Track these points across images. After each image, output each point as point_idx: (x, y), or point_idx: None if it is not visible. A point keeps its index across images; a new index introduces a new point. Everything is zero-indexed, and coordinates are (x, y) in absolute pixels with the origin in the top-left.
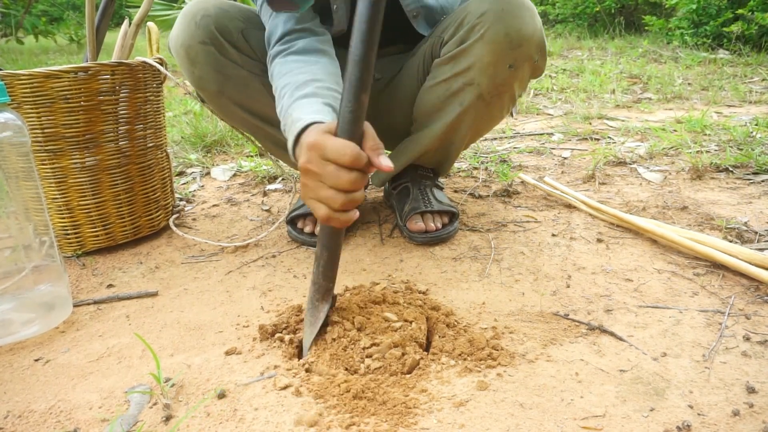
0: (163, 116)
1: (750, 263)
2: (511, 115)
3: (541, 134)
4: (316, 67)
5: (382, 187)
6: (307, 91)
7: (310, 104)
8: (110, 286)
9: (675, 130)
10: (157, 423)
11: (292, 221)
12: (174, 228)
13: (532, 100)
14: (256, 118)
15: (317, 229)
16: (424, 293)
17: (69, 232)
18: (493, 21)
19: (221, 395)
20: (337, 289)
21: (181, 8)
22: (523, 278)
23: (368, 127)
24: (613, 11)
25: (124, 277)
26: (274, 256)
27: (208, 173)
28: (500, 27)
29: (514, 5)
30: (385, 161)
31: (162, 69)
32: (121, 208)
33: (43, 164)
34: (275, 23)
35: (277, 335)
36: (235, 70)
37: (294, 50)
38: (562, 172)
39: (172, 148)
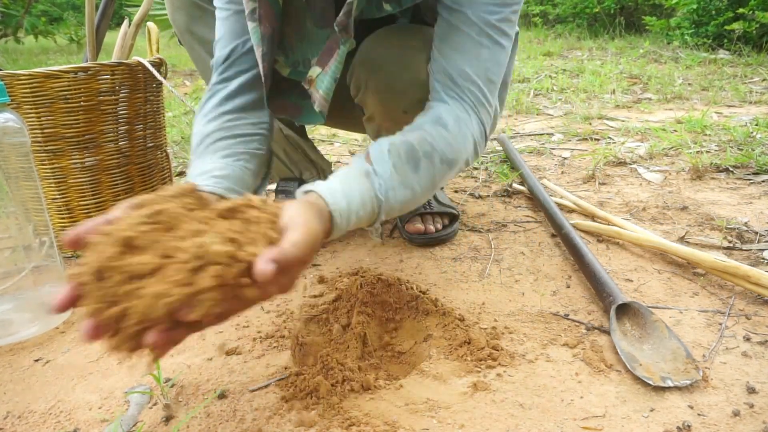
0: (163, 116)
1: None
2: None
3: (541, 134)
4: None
5: None
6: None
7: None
8: None
9: (675, 131)
10: (157, 423)
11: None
12: None
13: (532, 101)
14: None
15: None
16: (423, 293)
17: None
18: (372, 70)
19: (221, 395)
20: (333, 290)
21: None
22: (523, 278)
23: None
24: (613, 11)
25: None
26: None
27: None
28: (381, 76)
29: (393, 52)
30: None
31: (157, 74)
32: None
33: (43, 164)
34: (219, 34)
35: (278, 335)
36: (209, 5)
37: (224, 122)
38: (562, 173)
39: (172, 148)
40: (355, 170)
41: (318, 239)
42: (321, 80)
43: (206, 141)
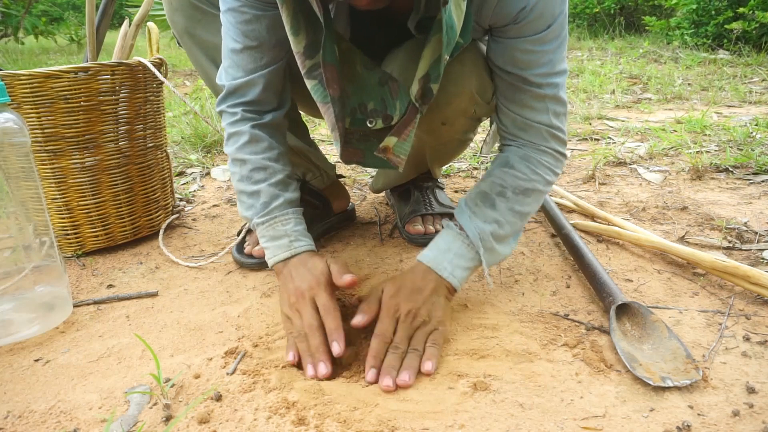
0: (163, 116)
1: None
2: (481, 152)
3: None
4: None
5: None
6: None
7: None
8: (110, 286)
9: (675, 131)
10: (157, 423)
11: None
12: (162, 246)
13: None
14: (218, 69)
15: (255, 249)
16: None
17: (69, 232)
18: None
19: (221, 396)
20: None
21: None
22: (523, 278)
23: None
24: (613, 11)
25: (124, 277)
26: None
27: (208, 173)
28: None
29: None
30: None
31: (158, 74)
32: (121, 208)
33: (43, 164)
34: (227, 50)
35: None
36: (209, 8)
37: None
38: (562, 173)
39: (172, 148)
40: (444, 235)
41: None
42: (400, 147)
43: (272, 194)
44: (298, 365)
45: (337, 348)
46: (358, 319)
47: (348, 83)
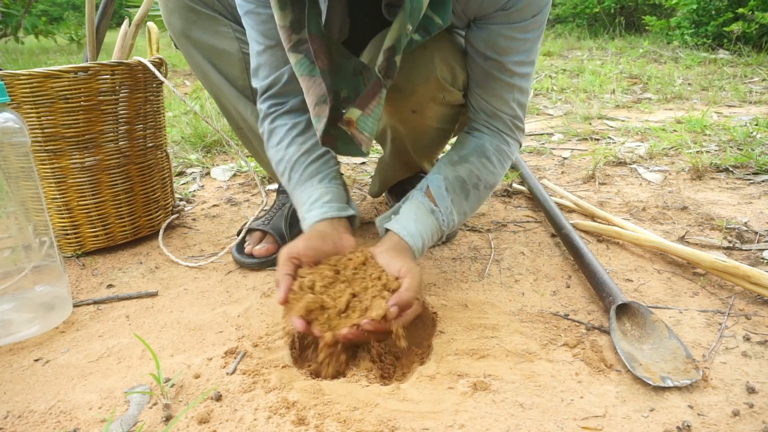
0: (163, 116)
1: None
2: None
3: (541, 134)
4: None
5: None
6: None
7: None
8: (110, 286)
9: (675, 131)
10: (157, 423)
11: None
12: (162, 246)
13: (532, 101)
14: (218, 73)
15: (256, 249)
16: (424, 285)
17: (69, 232)
18: None
19: (221, 395)
20: None
21: None
22: (523, 278)
23: None
24: (613, 11)
25: (123, 277)
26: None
27: (208, 173)
28: None
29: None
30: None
31: (158, 74)
32: (121, 208)
33: (42, 164)
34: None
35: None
36: (205, 9)
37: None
38: (562, 173)
39: (172, 148)
40: (423, 209)
41: (420, 277)
42: (364, 122)
43: (297, 169)
44: (298, 364)
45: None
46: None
47: (329, 72)
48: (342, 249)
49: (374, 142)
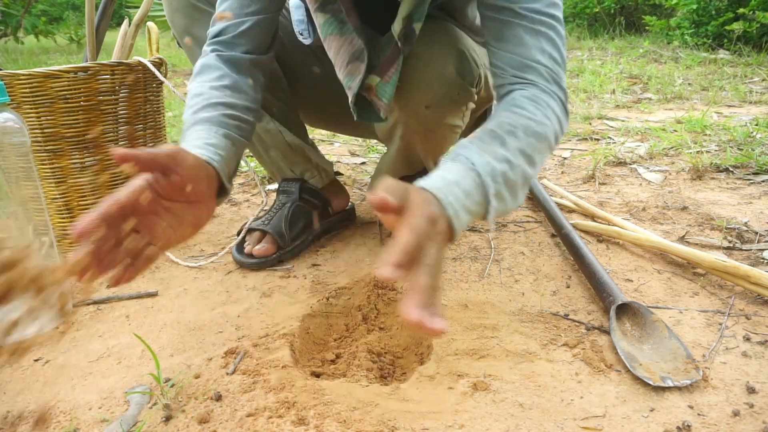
0: (163, 116)
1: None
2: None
3: None
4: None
5: None
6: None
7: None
8: (110, 286)
9: (675, 131)
10: (157, 423)
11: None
12: None
13: None
14: None
15: (255, 249)
16: None
17: (69, 232)
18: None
19: (221, 395)
20: (333, 290)
21: None
22: (523, 278)
23: None
24: (613, 11)
25: None
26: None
27: None
28: (404, 70)
29: (417, 47)
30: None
31: (158, 74)
32: None
33: (43, 164)
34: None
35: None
36: (208, 7)
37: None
38: (562, 173)
39: None
40: (443, 164)
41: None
42: (383, 89)
43: (210, 110)
44: (298, 364)
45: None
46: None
47: None
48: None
49: (375, 140)
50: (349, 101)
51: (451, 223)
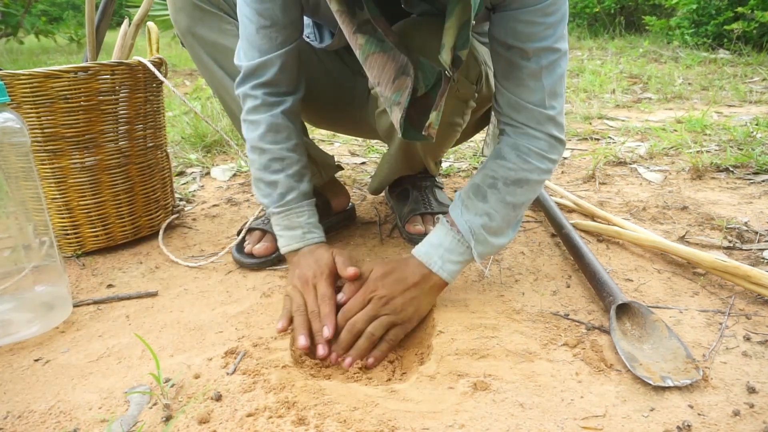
0: (163, 116)
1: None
2: (482, 153)
3: None
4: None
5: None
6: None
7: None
8: (110, 286)
9: (675, 130)
10: (157, 423)
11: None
12: (162, 246)
13: None
14: (223, 71)
15: (255, 248)
16: None
17: (69, 232)
18: None
19: (221, 395)
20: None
21: None
22: (523, 278)
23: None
24: (613, 11)
25: (124, 277)
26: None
27: (208, 173)
28: None
29: (418, 41)
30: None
31: (158, 74)
32: (121, 208)
33: (43, 164)
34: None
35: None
36: (211, 7)
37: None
38: (562, 172)
39: (172, 148)
40: (438, 229)
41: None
42: (436, 119)
43: (286, 184)
44: (298, 364)
45: (327, 331)
46: (340, 297)
47: None
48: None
49: (375, 141)
50: (399, 117)
51: (439, 275)
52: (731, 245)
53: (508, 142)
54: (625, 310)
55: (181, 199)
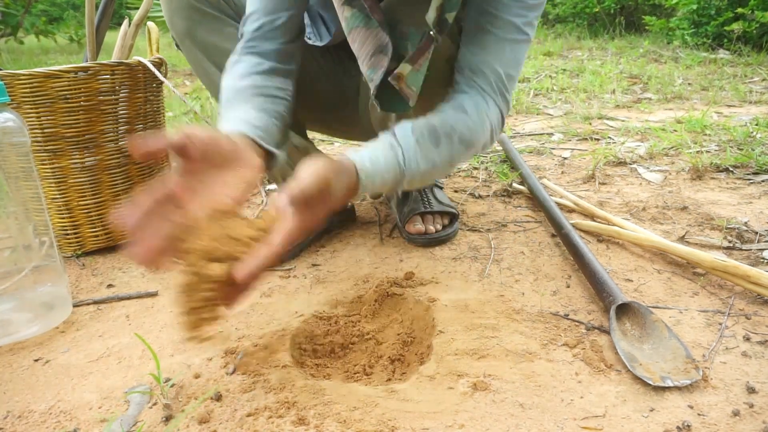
0: (163, 116)
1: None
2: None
3: (541, 134)
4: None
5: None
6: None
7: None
8: (110, 286)
9: (675, 130)
10: (157, 423)
11: None
12: None
13: (532, 100)
14: (220, 72)
15: None
16: (423, 285)
17: (69, 232)
18: None
19: (221, 395)
20: (333, 290)
21: None
22: (523, 278)
23: None
24: (613, 11)
25: (124, 277)
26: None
27: None
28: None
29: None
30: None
31: (158, 74)
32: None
33: (43, 164)
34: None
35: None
36: (210, 9)
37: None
38: (562, 173)
39: None
40: (381, 143)
41: (330, 181)
42: (413, 78)
43: (240, 95)
44: (298, 364)
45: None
46: None
47: None
48: (241, 160)
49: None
50: (371, 92)
51: (360, 182)
52: (731, 245)
53: (470, 98)
54: (625, 310)
55: None
